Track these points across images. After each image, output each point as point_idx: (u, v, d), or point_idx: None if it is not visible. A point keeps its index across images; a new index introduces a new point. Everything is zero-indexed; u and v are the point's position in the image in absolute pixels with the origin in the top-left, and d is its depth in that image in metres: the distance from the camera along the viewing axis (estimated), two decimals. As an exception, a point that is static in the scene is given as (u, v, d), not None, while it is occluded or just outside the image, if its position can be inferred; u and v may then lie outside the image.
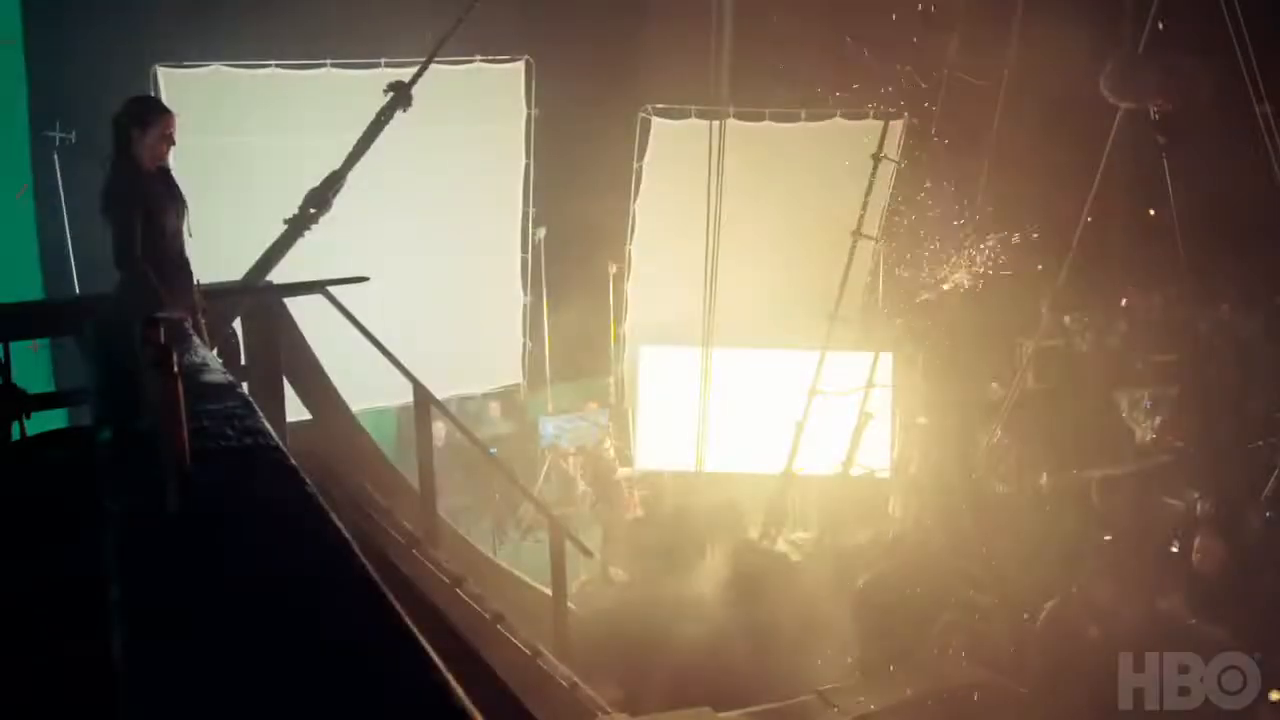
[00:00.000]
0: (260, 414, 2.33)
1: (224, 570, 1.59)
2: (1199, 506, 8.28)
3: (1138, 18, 9.33)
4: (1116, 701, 6.38)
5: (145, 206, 5.24)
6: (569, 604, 7.52)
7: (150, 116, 5.34)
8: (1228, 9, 8.32)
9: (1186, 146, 9.11)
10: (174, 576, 1.57)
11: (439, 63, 8.05)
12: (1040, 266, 10.44)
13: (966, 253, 10.69)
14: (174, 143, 5.39)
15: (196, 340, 3.95)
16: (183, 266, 5.47)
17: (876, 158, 10.14)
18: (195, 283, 5.54)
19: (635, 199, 11.53)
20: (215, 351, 5.54)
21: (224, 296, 6.28)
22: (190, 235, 5.50)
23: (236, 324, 6.37)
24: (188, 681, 1.25)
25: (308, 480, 1.92)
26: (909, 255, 11.11)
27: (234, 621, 1.41)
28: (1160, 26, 9.01)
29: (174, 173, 5.50)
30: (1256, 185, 8.85)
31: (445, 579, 6.57)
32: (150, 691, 1.25)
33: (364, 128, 7.32)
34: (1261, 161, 8.71)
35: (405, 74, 7.61)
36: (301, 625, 1.39)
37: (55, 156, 8.79)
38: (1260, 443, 9.87)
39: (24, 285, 8.84)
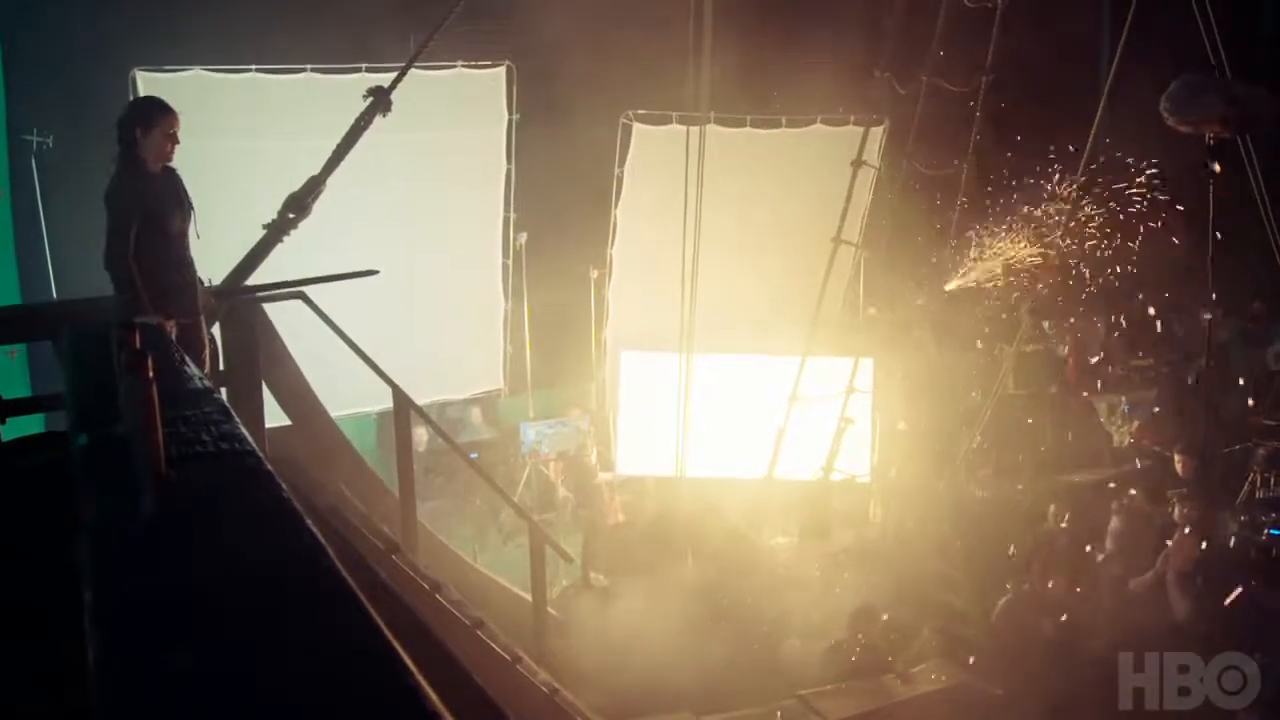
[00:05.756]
0: (237, 420, 2.32)
1: (199, 576, 1.59)
2: (1175, 510, 8.34)
3: (1114, 27, 9.36)
4: (1077, 697, 6.44)
5: (146, 208, 5.25)
6: (549, 609, 7.52)
7: (153, 116, 5.37)
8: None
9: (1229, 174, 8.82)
10: (148, 582, 1.57)
11: (420, 68, 8.05)
12: (1023, 274, 10.50)
13: (948, 258, 10.75)
14: (178, 141, 5.41)
15: (174, 345, 3.93)
16: (186, 268, 5.48)
17: (856, 164, 10.16)
18: (202, 284, 5.55)
19: (616, 204, 11.53)
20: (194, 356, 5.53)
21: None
22: (199, 237, 5.52)
23: (215, 329, 6.35)
24: (160, 686, 1.25)
25: (284, 486, 1.91)
26: (889, 260, 11.16)
27: (208, 627, 1.41)
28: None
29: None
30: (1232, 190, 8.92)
31: (424, 585, 6.55)
32: (123, 697, 1.25)
33: (344, 132, 7.30)
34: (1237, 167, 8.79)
35: (386, 79, 7.60)
36: (275, 631, 1.39)
37: (33, 161, 8.74)
38: (1237, 447, 9.96)
39: (0, 290, 8.79)
